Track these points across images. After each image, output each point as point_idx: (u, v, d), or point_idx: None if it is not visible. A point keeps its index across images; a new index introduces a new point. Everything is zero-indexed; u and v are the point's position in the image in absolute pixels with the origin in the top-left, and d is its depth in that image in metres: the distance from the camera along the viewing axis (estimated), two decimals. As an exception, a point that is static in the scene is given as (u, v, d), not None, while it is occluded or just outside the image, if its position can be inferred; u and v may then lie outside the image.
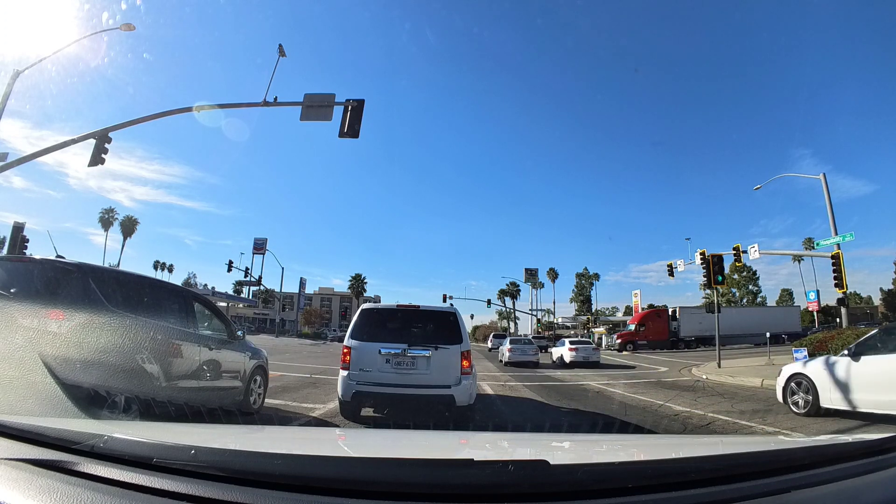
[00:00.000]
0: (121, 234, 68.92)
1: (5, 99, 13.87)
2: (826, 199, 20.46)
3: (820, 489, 1.22)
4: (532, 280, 72.27)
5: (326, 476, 1.15)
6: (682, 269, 27.66)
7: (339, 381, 6.12)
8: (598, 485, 1.16)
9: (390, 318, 6.48)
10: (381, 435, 3.43)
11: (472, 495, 1.10)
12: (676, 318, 41.25)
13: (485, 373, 15.79)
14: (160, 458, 1.17)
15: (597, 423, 7.05)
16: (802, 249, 48.23)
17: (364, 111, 13.42)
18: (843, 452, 1.49)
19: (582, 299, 75.82)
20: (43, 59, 14.50)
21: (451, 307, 6.84)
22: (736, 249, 22.09)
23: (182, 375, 4.96)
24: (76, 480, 1.13)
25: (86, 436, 1.28)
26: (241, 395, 6.16)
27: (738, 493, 1.16)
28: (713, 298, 21.80)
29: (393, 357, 5.96)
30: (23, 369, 3.37)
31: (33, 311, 3.89)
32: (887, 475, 1.32)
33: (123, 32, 15.38)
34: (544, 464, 1.12)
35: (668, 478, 1.19)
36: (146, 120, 14.10)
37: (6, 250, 19.21)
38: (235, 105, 14.92)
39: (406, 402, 5.98)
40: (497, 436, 3.44)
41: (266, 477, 1.11)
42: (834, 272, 18.24)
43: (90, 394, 3.36)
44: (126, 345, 4.26)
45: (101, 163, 13.14)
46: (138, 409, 3.81)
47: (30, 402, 3.10)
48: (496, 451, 2.12)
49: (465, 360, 6.04)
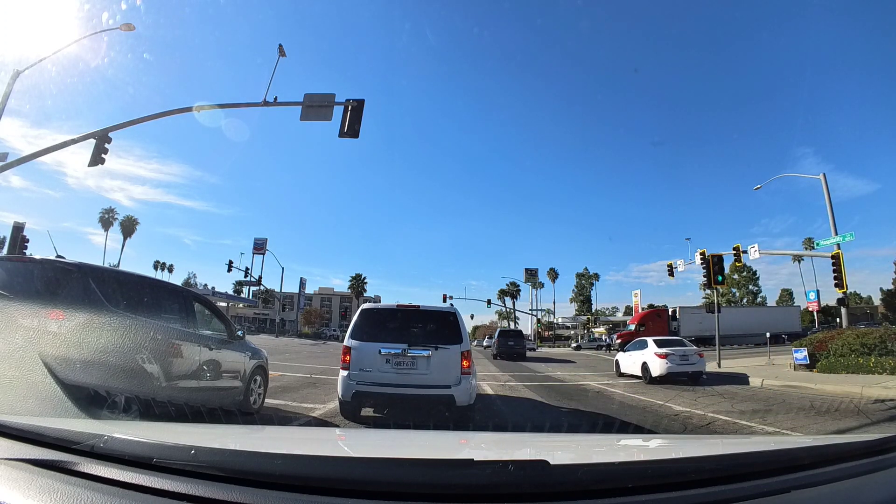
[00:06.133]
0: (121, 233, 69.10)
1: (5, 99, 13.87)
2: (826, 199, 20.48)
3: (820, 489, 1.22)
4: (532, 280, 72.27)
5: (326, 476, 1.15)
6: (682, 269, 27.65)
7: (339, 381, 6.12)
8: (598, 485, 1.16)
9: (390, 318, 6.47)
10: (381, 435, 3.43)
11: (472, 495, 1.10)
12: (676, 318, 41.22)
13: (485, 373, 15.79)
14: (160, 458, 1.17)
15: (597, 423, 7.05)
16: (803, 249, 48.31)
17: (364, 110, 13.45)
18: (843, 452, 1.49)
19: (582, 299, 75.84)
20: (43, 59, 14.53)
21: (451, 307, 6.83)
22: (736, 249, 22.08)
23: (182, 375, 4.95)
24: (76, 480, 1.13)
25: (86, 436, 1.28)
26: (241, 395, 6.15)
27: (738, 493, 1.16)
28: (713, 298, 21.80)
29: (393, 357, 5.95)
30: (23, 369, 3.37)
31: (33, 311, 3.89)
32: (887, 475, 1.32)
33: (123, 32, 15.41)
34: (544, 464, 1.12)
35: (668, 478, 1.19)
36: (146, 120, 14.11)
37: (6, 250, 19.21)
38: (235, 105, 14.93)
39: (406, 402, 5.97)
40: (497, 436, 3.43)
41: (266, 477, 1.11)
42: (834, 272, 18.23)
43: (90, 394, 3.35)
44: (126, 345, 4.26)
45: (101, 163, 13.15)
46: (138, 409, 3.80)
47: (30, 402, 3.10)
48: (496, 451, 2.12)
49: (466, 360, 6.03)
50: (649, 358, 14.39)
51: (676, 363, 13.76)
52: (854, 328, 17.03)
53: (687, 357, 14.04)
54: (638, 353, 15.33)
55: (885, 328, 15.03)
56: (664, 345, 14.65)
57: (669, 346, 14.49)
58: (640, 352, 15.21)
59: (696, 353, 14.39)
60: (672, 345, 14.80)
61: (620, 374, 16.32)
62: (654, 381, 13.78)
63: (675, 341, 15.72)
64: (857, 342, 13.90)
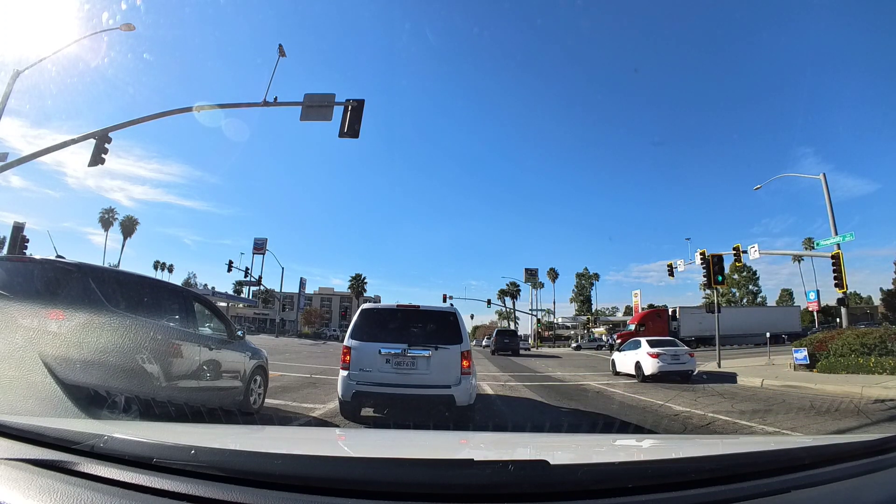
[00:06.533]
0: (121, 233, 69.12)
1: (5, 99, 13.88)
2: (826, 199, 20.48)
3: (820, 489, 1.22)
4: (532, 280, 72.24)
5: (326, 476, 1.14)
6: (682, 269, 27.65)
7: (339, 381, 6.12)
8: (598, 485, 1.16)
9: (390, 318, 6.47)
10: (381, 435, 3.43)
11: (472, 495, 1.10)
12: (676, 319, 41.23)
13: (485, 372, 15.79)
14: (160, 458, 1.17)
15: (597, 423, 7.05)
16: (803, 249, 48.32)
17: (364, 110, 13.46)
18: (843, 452, 1.49)
19: (582, 299, 75.86)
20: (43, 59, 14.53)
21: (451, 307, 6.83)
22: (736, 249, 22.08)
23: (182, 375, 4.95)
24: (76, 480, 1.13)
25: (86, 436, 1.28)
26: (241, 395, 6.15)
27: (738, 493, 1.16)
28: (713, 298, 21.80)
29: (393, 357, 5.95)
30: (23, 369, 3.37)
31: (33, 311, 3.89)
32: (887, 475, 1.32)
33: (123, 32, 15.42)
34: (544, 464, 1.12)
35: (668, 478, 1.19)
36: (146, 120, 14.11)
37: (6, 250, 19.21)
38: (235, 105, 14.93)
39: (406, 402, 5.97)
40: (497, 436, 3.43)
41: (266, 477, 1.11)
42: (834, 272, 18.23)
43: (90, 394, 3.35)
44: (126, 345, 4.26)
45: (102, 163, 13.16)
46: (138, 409, 3.80)
47: (30, 402, 3.10)
48: (496, 451, 2.12)
49: (466, 360, 6.03)
50: (642, 357, 14.89)
51: (667, 362, 14.28)
52: (854, 328, 17.01)
53: (678, 357, 14.59)
54: (632, 353, 15.83)
55: (885, 328, 15.02)
56: (656, 345, 15.20)
57: (661, 346, 15.03)
58: (634, 351, 15.70)
59: (686, 353, 15.03)
60: (664, 345, 15.35)
61: (616, 373, 16.70)
62: (647, 379, 14.23)
63: (667, 342, 16.26)
64: (857, 342, 13.89)
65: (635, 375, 15.06)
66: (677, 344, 16.14)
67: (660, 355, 14.39)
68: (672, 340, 17.22)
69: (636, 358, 15.26)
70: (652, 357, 14.46)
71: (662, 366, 14.19)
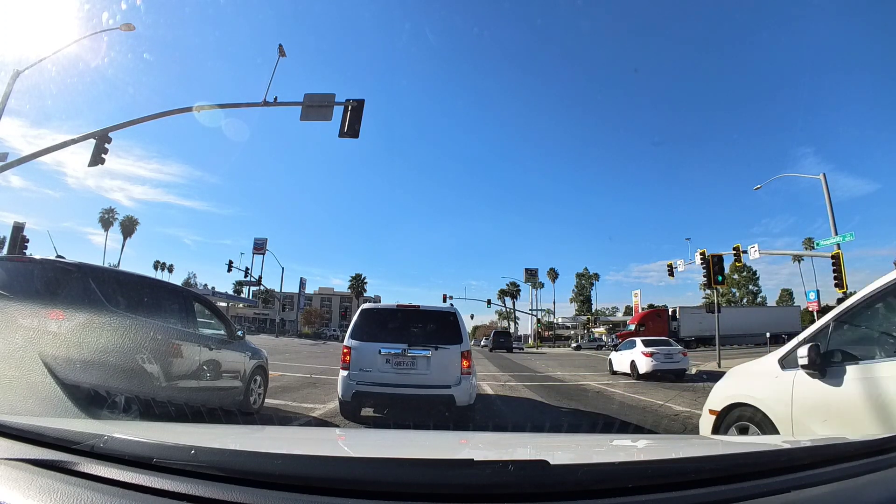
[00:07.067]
0: (121, 233, 69.15)
1: (5, 99, 13.87)
2: (826, 199, 20.45)
3: (820, 489, 1.22)
4: (532, 280, 72.27)
5: (326, 476, 1.14)
6: (682, 269, 27.66)
7: (339, 381, 6.12)
8: (598, 485, 1.15)
9: (390, 318, 6.47)
10: (381, 435, 3.42)
11: (472, 495, 1.09)
12: (676, 319, 41.28)
13: (485, 372, 15.79)
14: (160, 458, 1.17)
15: (597, 423, 7.05)
16: (803, 249, 48.33)
17: (364, 110, 13.45)
18: (843, 452, 1.49)
19: (582, 299, 75.88)
20: (43, 59, 14.52)
21: (452, 307, 6.83)
22: (736, 249, 22.07)
23: (182, 375, 4.95)
24: (76, 480, 1.12)
25: (86, 436, 1.28)
26: (241, 395, 6.15)
27: (738, 494, 1.16)
28: (713, 298, 21.82)
29: (393, 357, 5.95)
30: (23, 369, 3.36)
31: (33, 311, 3.89)
32: (887, 475, 1.32)
33: (123, 32, 15.40)
34: (544, 464, 1.12)
35: (668, 478, 1.19)
36: (146, 120, 14.10)
37: (6, 250, 19.21)
38: (235, 105, 14.92)
39: (406, 402, 5.97)
40: (497, 436, 3.43)
41: (266, 477, 1.10)
42: (834, 272, 18.22)
43: (90, 394, 3.35)
44: (126, 345, 4.26)
45: (101, 163, 13.15)
46: (138, 409, 3.80)
47: (30, 402, 3.09)
48: (496, 451, 2.12)
49: (466, 360, 6.03)
50: (637, 356, 15.57)
51: (661, 361, 14.97)
52: (854, 328, 16.97)
53: (671, 356, 15.28)
54: (628, 352, 16.45)
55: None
56: (651, 344, 15.85)
57: (655, 346, 15.68)
58: (630, 351, 16.34)
59: (679, 353, 15.75)
60: (658, 344, 16.02)
61: (613, 372, 17.19)
62: (642, 377, 14.90)
63: (661, 341, 16.84)
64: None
65: (630, 374, 15.68)
66: (671, 343, 16.85)
67: (654, 354, 14.99)
68: (666, 340, 17.82)
69: (631, 357, 15.84)
70: (646, 356, 15.04)
71: (656, 364, 14.79)
